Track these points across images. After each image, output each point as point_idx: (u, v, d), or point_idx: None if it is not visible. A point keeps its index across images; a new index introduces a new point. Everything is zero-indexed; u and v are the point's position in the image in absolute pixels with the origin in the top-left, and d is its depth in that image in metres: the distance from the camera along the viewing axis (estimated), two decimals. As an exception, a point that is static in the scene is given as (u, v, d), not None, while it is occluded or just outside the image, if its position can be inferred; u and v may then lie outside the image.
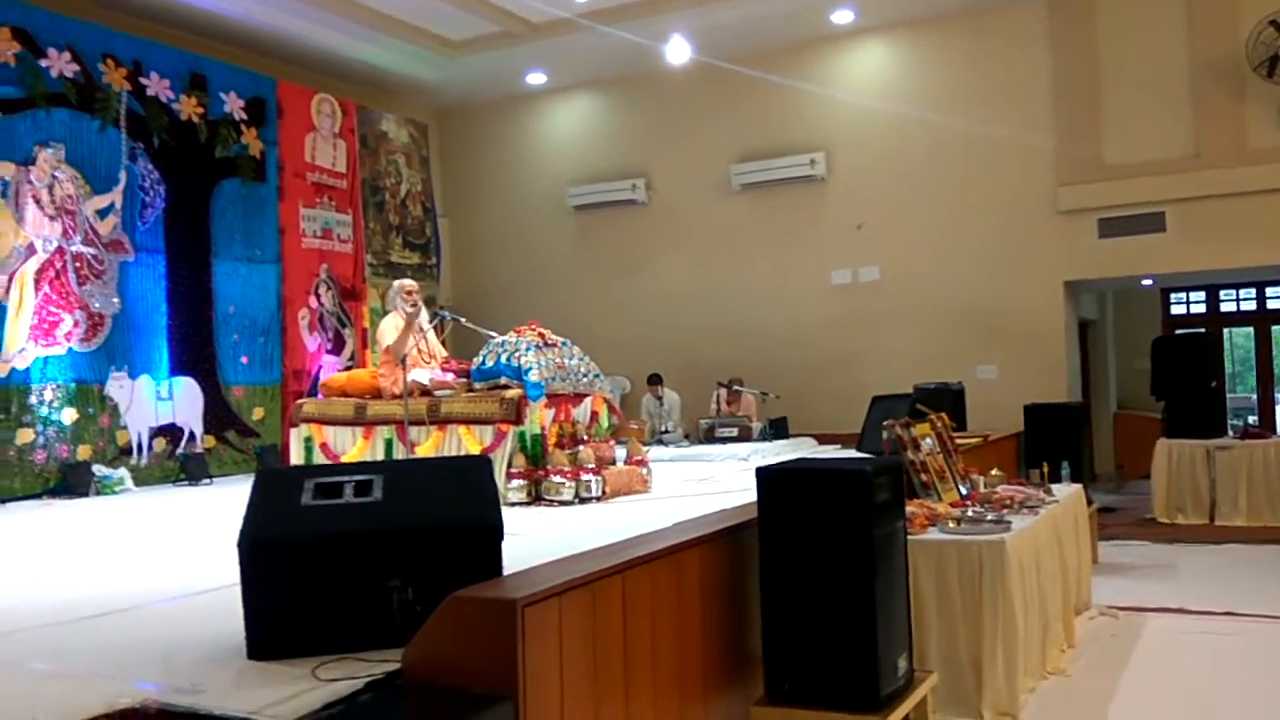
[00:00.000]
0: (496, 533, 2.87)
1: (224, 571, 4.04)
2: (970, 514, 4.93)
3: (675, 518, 4.77)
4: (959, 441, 6.35)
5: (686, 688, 3.15)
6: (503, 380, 6.34)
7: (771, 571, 3.24)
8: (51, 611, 3.49)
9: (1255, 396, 13.90)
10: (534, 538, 4.53)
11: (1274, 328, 13.62)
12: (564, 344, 6.74)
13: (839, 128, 11.16)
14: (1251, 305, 13.53)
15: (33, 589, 4.02)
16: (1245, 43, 9.28)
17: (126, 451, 8.42)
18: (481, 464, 3.13)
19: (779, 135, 11.32)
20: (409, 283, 7.37)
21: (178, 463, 8.75)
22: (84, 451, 8.09)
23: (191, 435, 8.95)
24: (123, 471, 8.15)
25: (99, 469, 8.00)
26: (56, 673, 2.74)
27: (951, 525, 4.71)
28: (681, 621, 3.14)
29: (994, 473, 6.06)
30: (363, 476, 2.98)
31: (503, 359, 6.39)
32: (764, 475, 3.27)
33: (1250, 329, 13.73)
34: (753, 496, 5.80)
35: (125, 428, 8.42)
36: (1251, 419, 12.99)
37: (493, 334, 6.77)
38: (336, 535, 2.77)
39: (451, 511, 2.90)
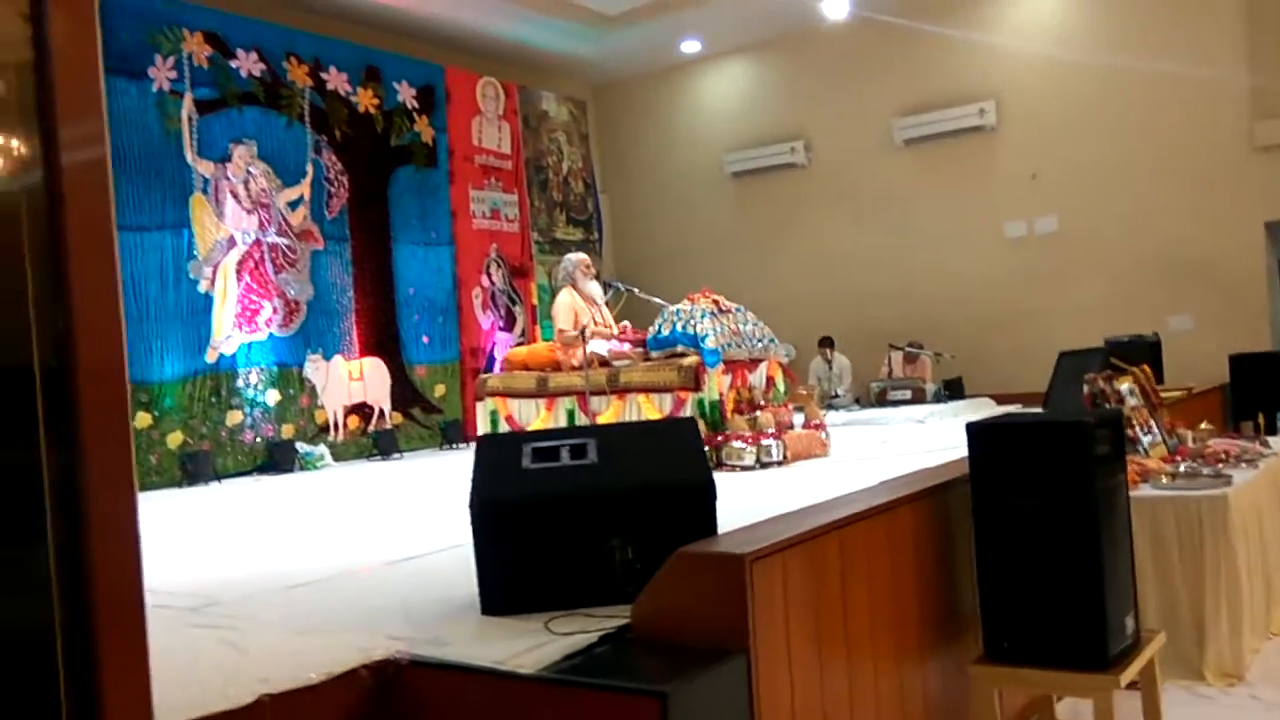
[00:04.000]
0: (710, 491, 2.91)
1: (442, 535, 4.29)
2: (1185, 469, 4.70)
3: (860, 480, 4.73)
4: (1162, 395, 6.05)
5: (903, 646, 3.13)
6: (679, 348, 6.39)
7: (987, 528, 3.18)
8: (288, 576, 3.74)
9: None
10: (722, 503, 4.58)
11: None
12: (738, 310, 6.74)
13: (1008, 75, 10.70)
14: None
15: (263, 557, 4.31)
16: None
17: (325, 429, 8.93)
18: (688, 425, 3.19)
19: (943, 86, 10.95)
20: (581, 256, 7.51)
21: (370, 439, 9.21)
22: (287, 430, 8.62)
23: (381, 413, 9.41)
24: (323, 448, 8.65)
25: (301, 446, 8.51)
26: (308, 629, 2.94)
27: (1166, 480, 4.51)
28: (895, 579, 3.12)
29: (1203, 426, 5.76)
30: (577, 440, 3.07)
31: (679, 327, 6.45)
32: (976, 430, 3.19)
33: None
34: (932, 458, 5.72)
35: (322, 407, 8.93)
36: None
37: (665, 303, 6.83)
38: (559, 496, 2.87)
39: (665, 472, 2.96)
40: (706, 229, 12.55)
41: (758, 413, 6.17)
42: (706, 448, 5.93)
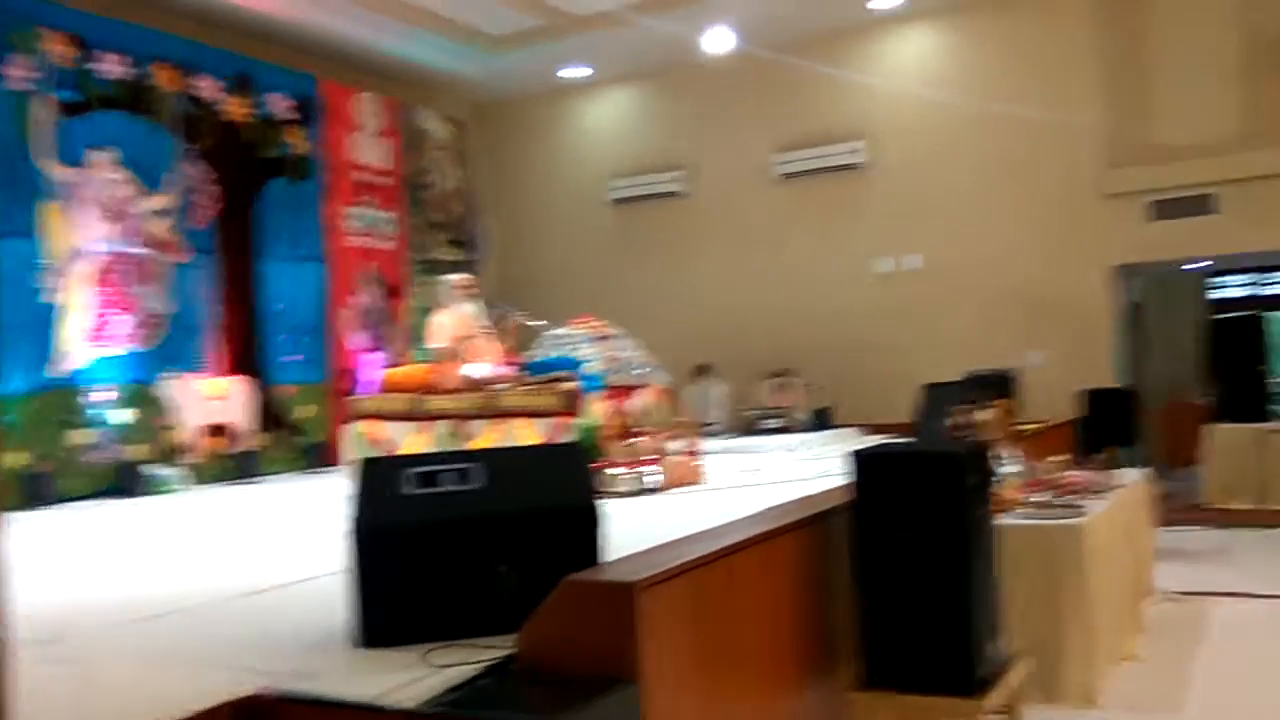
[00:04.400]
0: (597, 517, 2.88)
1: (307, 563, 4.13)
2: (1040, 499, 4.91)
3: (736, 508, 4.78)
4: (1019, 427, 6.32)
5: (785, 672, 3.16)
6: (559, 373, 6.36)
7: (867, 554, 3.24)
8: (142, 607, 3.53)
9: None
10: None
11: (1320, 311, 13.42)
12: (618, 336, 6.75)
13: (880, 115, 11.10)
14: (1296, 288, 13.33)
15: (114, 587, 4.06)
16: (1296, 21, 9.16)
17: (181, 451, 8.51)
18: (574, 450, 3.15)
19: (820, 123, 11.28)
20: (461, 277, 7.42)
21: (229, 462, 8.82)
22: (138, 452, 8.18)
23: (242, 434, 9.03)
24: (177, 471, 8.23)
25: (153, 469, 8.09)
26: (167, 663, 2.77)
27: (1024, 510, 4.69)
28: (778, 606, 3.15)
29: (1057, 458, 6.03)
30: (461, 465, 3.00)
31: (558, 352, 6.41)
32: (860, 458, 3.26)
33: (1295, 312, 13.53)
34: (805, 486, 5.83)
35: (178, 427, 8.51)
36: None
37: (546, 327, 6.80)
38: (443, 522, 2.80)
39: (552, 496, 2.92)
40: (588, 254, 12.57)
41: (636, 439, 6.17)
42: (584, 474, 5.95)
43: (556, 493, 2.92)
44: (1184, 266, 11.71)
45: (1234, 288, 13.53)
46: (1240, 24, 9.58)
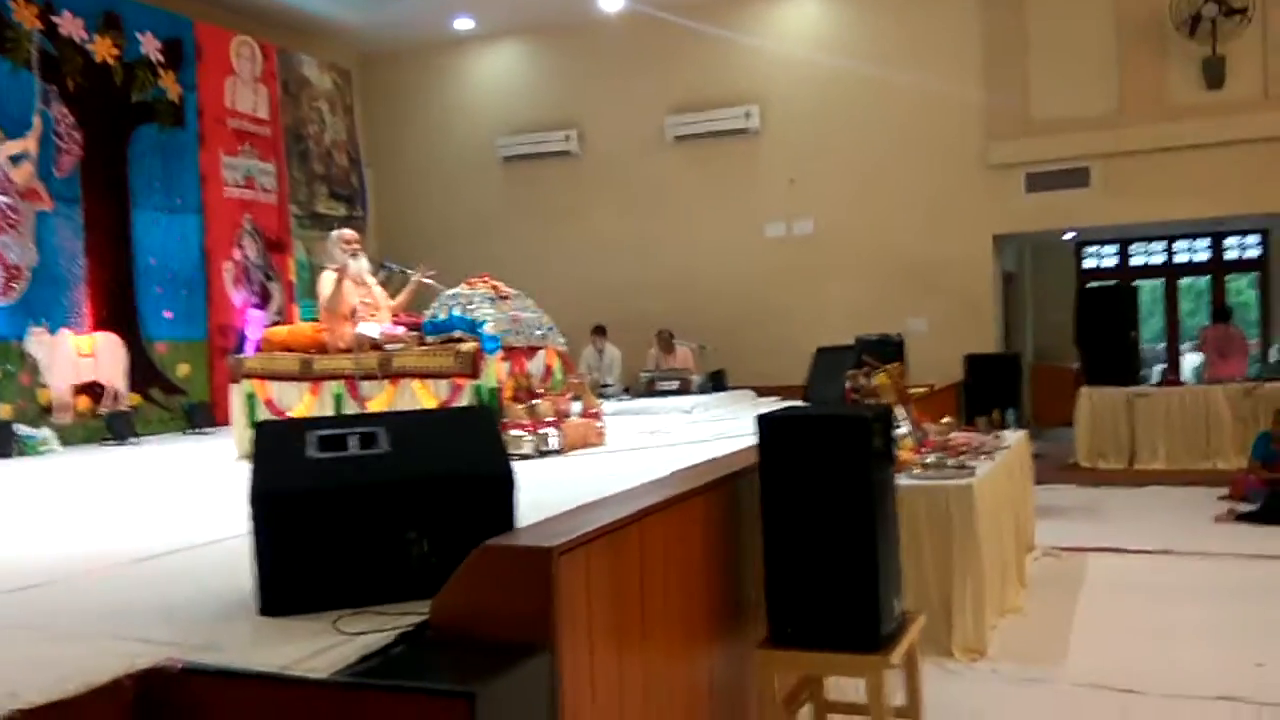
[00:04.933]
0: (511, 483, 2.82)
1: (197, 529, 3.95)
2: (932, 460, 5.06)
3: (636, 469, 4.79)
4: (909, 391, 6.48)
5: (694, 633, 3.17)
6: (457, 334, 6.21)
7: (774, 517, 3.27)
8: (21, 575, 3.31)
9: (1163, 346, 14.50)
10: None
11: (1180, 280, 14.19)
12: (517, 296, 6.64)
13: (773, 81, 11.17)
14: (1160, 259, 14.06)
15: (-12, 552, 3.82)
16: (1168, 1, 9.55)
17: (49, 410, 8.07)
18: (486, 414, 3.08)
19: (714, 87, 11.29)
20: (347, 232, 7.12)
21: (102, 422, 8.41)
22: (4, 411, 7.73)
23: (115, 393, 8.61)
24: (46, 431, 7.82)
25: (21, 429, 7.65)
26: (54, 635, 2.61)
27: (918, 471, 4.82)
28: (688, 569, 3.15)
29: (945, 420, 6.22)
30: (366, 429, 2.89)
31: (456, 312, 6.27)
32: (767, 422, 3.27)
33: (1159, 282, 14.28)
34: (704, 449, 5.88)
35: (46, 386, 8.06)
36: (1159, 368, 13.55)
37: (441, 287, 6.63)
38: (350, 486, 2.69)
39: (463, 461, 2.84)
40: (476, 212, 12.34)
41: (536, 401, 6.10)
42: (482, 435, 5.85)
43: (469, 458, 2.85)
44: (1065, 237, 12.21)
45: (1105, 257, 14.19)
46: (1114, 4, 9.95)
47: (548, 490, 4.12)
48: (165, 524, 4.29)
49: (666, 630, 2.99)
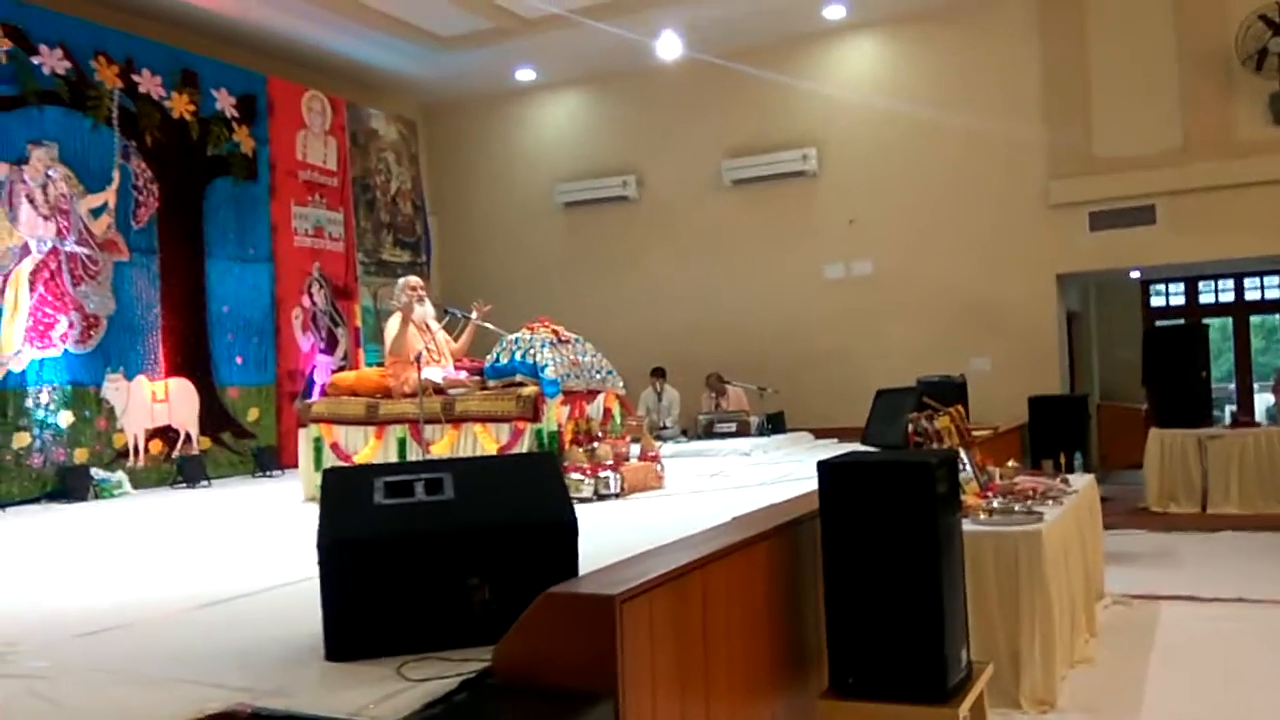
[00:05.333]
0: (573, 530, 2.85)
1: (264, 573, 4.03)
2: (998, 505, 4.97)
3: (697, 513, 4.79)
4: (972, 433, 6.40)
5: (756, 682, 3.15)
6: (518, 378, 6.30)
7: (836, 564, 3.25)
8: (94, 618, 3.40)
9: (1234, 386, 14.12)
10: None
11: (1252, 318, 13.84)
12: (577, 340, 6.71)
13: (830, 123, 11.20)
14: (1229, 296, 13.74)
15: (63, 596, 3.92)
16: (1234, 36, 9.43)
17: (123, 454, 8.30)
18: (549, 461, 3.12)
19: (770, 131, 11.35)
20: (413, 279, 7.29)
21: (174, 465, 8.62)
22: (81, 454, 7.96)
23: (188, 437, 8.83)
24: (120, 475, 8.04)
25: (97, 472, 7.88)
26: (126, 679, 2.68)
27: (984, 517, 4.74)
28: (750, 616, 3.14)
29: (1010, 464, 6.11)
30: (432, 475, 2.94)
31: (517, 356, 6.35)
32: (828, 468, 3.26)
33: (1228, 319, 13.94)
34: (763, 490, 5.85)
35: (122, 430, 8.30)
36: (1229, 408, 13.19)
37: (502, 331, 6.72)
38: (415, 534, 2.74)
39: (526, 509, 2.88)
40: (537, 258, 12.50)
41: (595, 444, 6.13)
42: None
43: (533, 505, 2.89)
44: (1131, 275, 12.00)
45: (1173, 295, 13.90)
46: (1178, 39, 9.84)
47: (608, 534, 4.15)
48: (233, 567, 4.38)
49: (729, 678, 2.97)
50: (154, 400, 8.57)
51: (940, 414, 5.73)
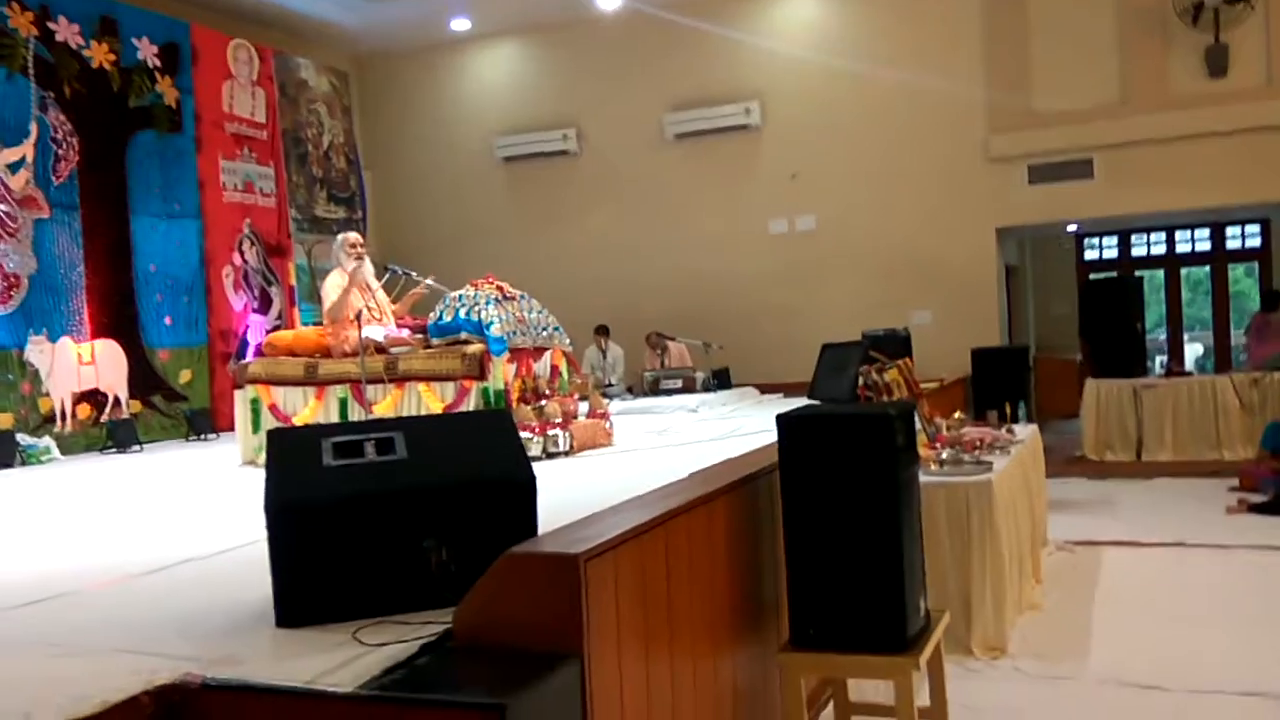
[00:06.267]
0: (531, 488, 2.77)
1: (205, 539, 3.89)
2: (947, 456, 5.00)
3: (648, 469, 4.74)
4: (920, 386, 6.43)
5: (718, 637, 3.12)
6: (463, 336, 6.16)
7: (796, 517, 3.22)
8: (28, 589, 3.25)
9: (1164, 336, 14.48)
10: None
11: (1182, 270, 14.16)
12: (522, 297, 6.58)
13: (773, 77, 11.11)
14: (1161, 249, 14.03)
15: (-5, 564, 3.76)
16: (1170, -10, 9.52)
17: (50, 419, 8.00)
18: (504, 418, 3.03)
19: (713, 84, 11.23)
20: (353, 236, 7.07)
21: (104, 430, 8.34)
22: (5, 420, 7.66)
23: (117, 401, 8.54)
24: (48, 440, 7.75)
25: (23, 438, 7.58)
26: (68, 651, 2.55)
27: (934, 468, 4.77)
28: (711, 571, 3.10)
29: (957, 415, 6.17)
30: (383, 434, 2.83)
31: (462, 313, 6.21)
32: (787, 421, 3.22)
33: (1159, 272, 14.25)
34: (713, 446, 5.82)
35: (48, 394, 7.99)
36: (1160, 358, 13.52)
37: (445, 289, 6.56)
38: (367, 495, 2.63)
39: (482, 467, 2.78)
40: (477, 213, 12.28)
41: (544, 402, 6.05)
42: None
43: (488, 462, 2.79)
44: (1068, 229, 12.16)
45: (1106, 249, 14.15)
46: (1117, -6, 9.90)
47: (560, 493, 4.07)
48: (173, 533, 4.23)
49: (692, 634, 2.93)
50: (80, 363, 8.26)
51: (889, 367, 5.74)
